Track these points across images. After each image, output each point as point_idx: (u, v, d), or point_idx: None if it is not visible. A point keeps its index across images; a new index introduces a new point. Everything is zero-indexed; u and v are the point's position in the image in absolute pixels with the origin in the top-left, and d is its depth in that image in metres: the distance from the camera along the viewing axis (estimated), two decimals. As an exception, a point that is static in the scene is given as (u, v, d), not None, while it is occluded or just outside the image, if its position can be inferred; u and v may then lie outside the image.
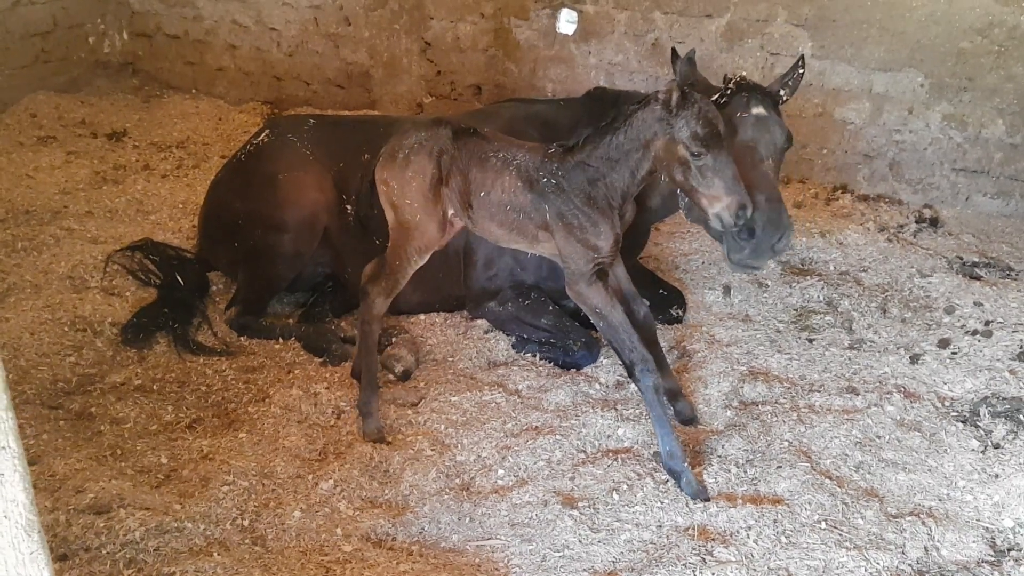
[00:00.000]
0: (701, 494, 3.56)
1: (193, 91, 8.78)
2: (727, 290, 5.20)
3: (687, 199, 4.15)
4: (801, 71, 4.27)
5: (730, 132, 3.99)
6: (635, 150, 3.46)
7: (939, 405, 4.19)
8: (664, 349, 4.61)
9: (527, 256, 4.65)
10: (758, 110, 4.08)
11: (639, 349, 3.64)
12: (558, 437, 3.91)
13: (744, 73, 4.28)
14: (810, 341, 4.74)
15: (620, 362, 3.82)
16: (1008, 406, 4.09)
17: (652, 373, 3.63)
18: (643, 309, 4.01)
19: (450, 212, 3.81)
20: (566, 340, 4.55)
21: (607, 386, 4.38)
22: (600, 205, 3.55)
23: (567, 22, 7.24)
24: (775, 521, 3.42)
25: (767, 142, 4.10)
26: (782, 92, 4.26)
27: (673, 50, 3.92)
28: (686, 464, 3.61)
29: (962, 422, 4.06)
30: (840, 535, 3.35)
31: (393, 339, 4.58)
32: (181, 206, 6.19)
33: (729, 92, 4.13)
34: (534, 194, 3.61)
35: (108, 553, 3.14)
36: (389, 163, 3.79)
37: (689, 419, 4.08)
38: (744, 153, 4.04)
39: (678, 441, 3.64)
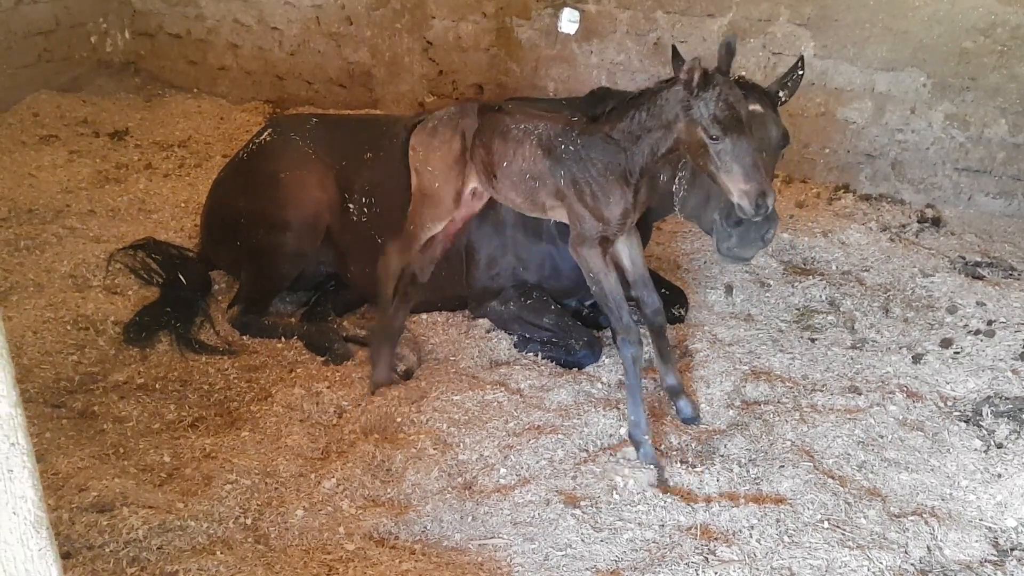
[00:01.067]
0: (656, 466, 3.69)
1: (195, 90, 8.80)
2: (729, 289, 5.19)
3: (682, 192, 4.17)
4: (801, 72, 4.28)
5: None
6: (656, 128, 3.46)
7: (942, 405, 4.18)
8: (667, 348, 4.64)
9: (529, 256, 4.66)
10: (754, 107, 4.08)
11: (625, 319, 3.73)
12: (560, 436, 3.91)
13: (743, 72, 4.27)
14: (812, 341, 4.73)
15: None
16: (1011, 406, 4.09)
17: (633, 345, 3.72)
18: (654, 302, 3.99)
19: (471, 186, 3.95)
20: (568, 339, 4.55)
21: (609, 385, 4.38)
22: (616, 177, 3.59)
23: (569, 21, 7.24)
24: (778, 520, 3.41)
25: (760, 138, 4.09)
26: (781, 93, 4.26)
27: (673, 47, 3.91)
28: (647, 437, 3.74)
29: (965, 422, 4.05)
30: (843, 535, 3.35)
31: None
32: (183, 205, 6.19)
33: None
34: (551, 160, 3.68)
35: (111, 551, 3.15)
36: (420, 131, 3.97)
37: (691, 418, 4.07)
38: None
39: (646, 413, 3.78)
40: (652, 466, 3.69)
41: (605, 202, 3.62)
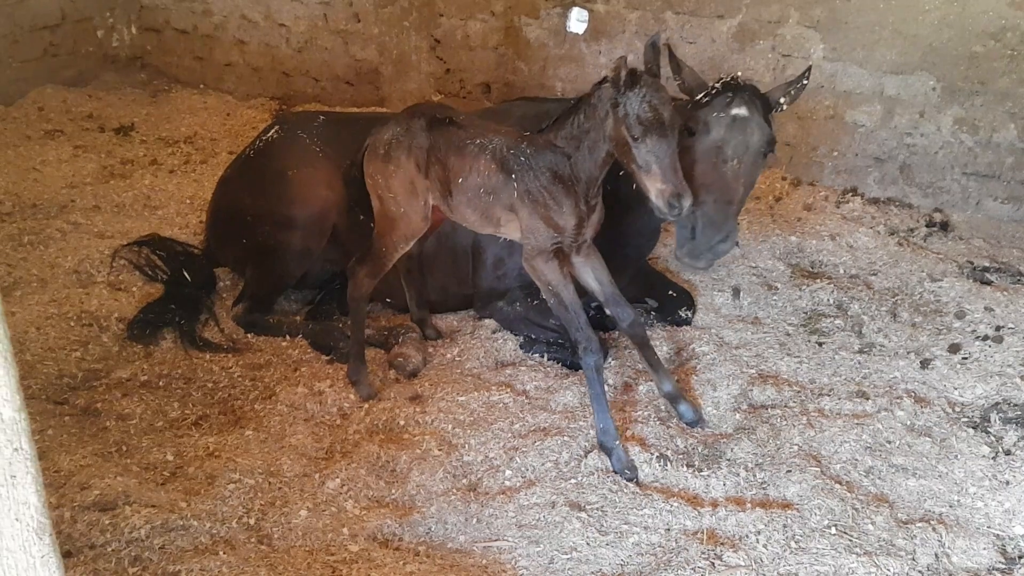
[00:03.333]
0: (629, 471, 3.68)
1: (201, 86, 8.77)
2: (736, 292, 5.16)
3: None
4: (805, 82, 4.27)
5: (703, 130, 4.07)
6: (593, 129, 3.50)
7: (949, 411, 4.16)
8: (673, 351, 4.61)
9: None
10: (738, 111, 4.07)
11: (585, 330, 3.74)
12: (566, 438, 3.88)
13: (739, 73, 4.24)
14: (820, 345, 4.71)
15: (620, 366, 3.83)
16: (1019, 412, 4.06)
17: (595, 354, 3.73)
18: (629, 316, 3.95)
19: (431, 201, 3.93)
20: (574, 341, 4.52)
21: (615, 388, 4.36)
22: (566, 184, 3.61)
23: (578, 21, 7.21)
24: (784, 526, 3.39)
25: (738, 143, 4.09)
26: (782, 99, 4.24)
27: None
28: (617, 442, 3.72)
29: (973, 428, 4.03)
30: (850, 541, 3.32)
31: (401, 338, 4.55)
32: (188, 201, 6.17)
33: (714, 91, 4.13)
34: (504, 174, 3.69)
35: (113, 550, 3.13)
36: (372, 157, 3.95)
37: (693, 421, 4.05)
38: (710, 152, 4.10)
39: (612, 420, 3.76)
40: (627, 471, 3.67)
41: (558, 211, 3.63)
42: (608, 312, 4.08)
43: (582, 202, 3.64)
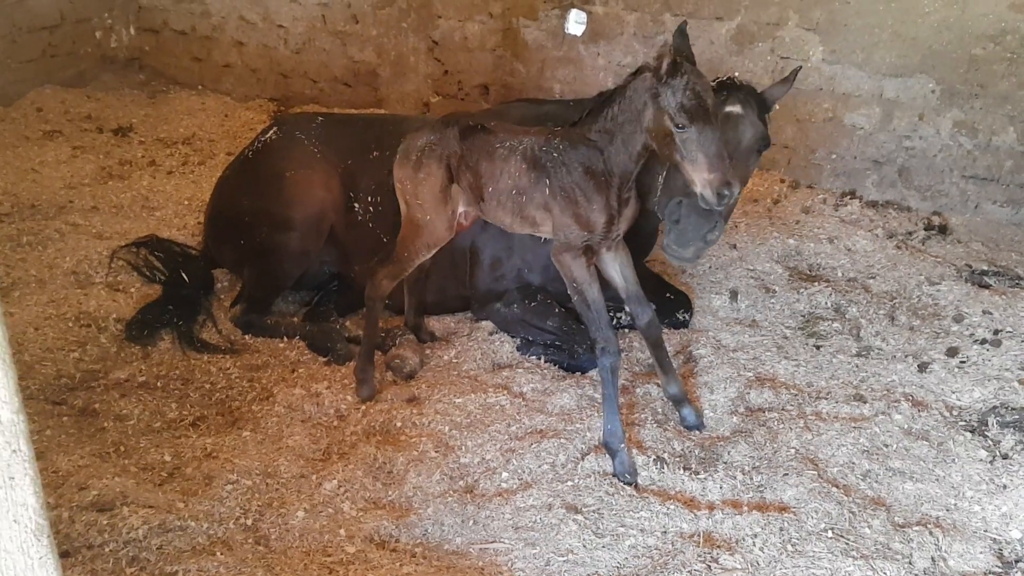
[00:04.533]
0: (630, 475, 3.66)
1: (200, 87, 8.77)
2: (734, 295, 5.17)
3: (658, 194, 4.15)
4: (792, 81, 4.22)
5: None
6: (629, 122, 3.45)
7: (947, 414, 4.16)
8: (670, 354, 4.59)
9: (534, 258, 4.64)
10: (731, 108, 4.03)
11: (605, 330, 3.71)
12: (563, 440, 3.89)
13: (736, 73, 4.22)
14: (817, 348, 4.71)
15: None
16: (1017, 416, 4.06)
17: (612, 356, 3.70)
18: (647, 315, 3.95)
19: (460, 209, 3.90)
20: (571, 343, 4.52)
21: (612, 390, 4.35)
22: (598, 179, 3.57)
23: (576, 23, 7.21)
24: (781, 529, 3.39)
25: (730, 139, 3.99)
26: (776, 105, 4.23)
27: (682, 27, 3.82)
28: (623, 445, 3.70)
29: (970, 432, 4.03)
30: (847, 544, 3.32)
31: (399, 340, 4.55)
32: (187, 202, 6.17)
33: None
34: (537, 172, 3.66)
35: (111, 551, 3.13)
36: (404, 163, 3.92)
37: (695, 425, 4.05)
38: None
39: (620, 422, 3.73)
40: (628, 475, 3.66)
41: (589, 207, 3.59)
42: (627, 309, 4.07)
43: (614, 197, 3.60)
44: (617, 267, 3.91)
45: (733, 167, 4.03)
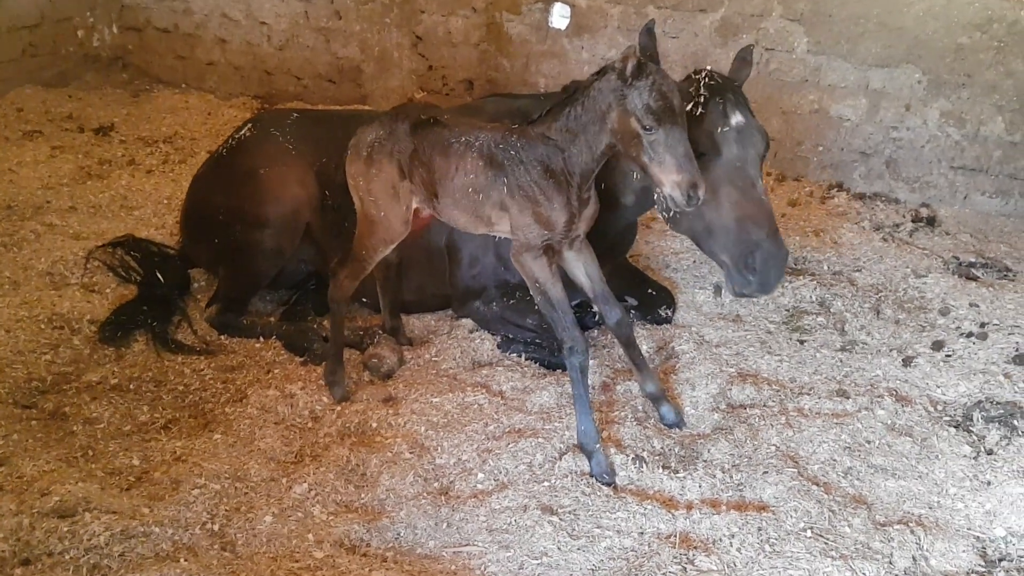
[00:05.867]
0: (607, 475, 3.60)
1: (183, 85, 8.71)
2: (718, 290, 5.09)
3: (672, 213, 3.99)
4: (750, 65, 4.07)
5: (713, 150, 3.85)
6: (592, 122, 3.38)
7: (931, 409, 4.09)
8: (652, 350, 4.54)
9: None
10: (737, 118, 3.87)
11: (572, 330, 3.64)
12: (540, 440, 3.81)
13: (710, 67, 4.04)
14: (801, 342, 4.64)
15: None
16: (1002, 411, 3.99)
17: (581, 355, 3.63)
18: (616, 314, 3.86)
19: (415, 204, 3.82)
20: (552, 340, 4.45)
21: (593, 387, 4.27)
22: (558, 179, 3.49)
23: (560, 16, 7.15)
24: (759, 529, 3.32)
25: (753, 158, 3.90)
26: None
27: (649, 27, 3.70)
28: (598, 446, 3.65)
29: (954, 427, 3.96)
30: (825, 544, 3.26)
31: (376, 339, 4.48)
32: (166, 202, 6.10)
33: (703, 98, 3.86)
34: (494, 170, 3.57)
35: (71, 558, 3.05)
36: (355, 158, 3.86)
37: (674, 423, 3.98)
38: (734, 176, 3.88)
39: (595, 423, 3.68)
40: (606, 475, 3.59)
41: (549, 206, 3.51)
42: (595, 308, 3.98)
43: (574, 197, 3.53)
44: (582, 267, 3.82)
45: (763, 194, 3.92)
